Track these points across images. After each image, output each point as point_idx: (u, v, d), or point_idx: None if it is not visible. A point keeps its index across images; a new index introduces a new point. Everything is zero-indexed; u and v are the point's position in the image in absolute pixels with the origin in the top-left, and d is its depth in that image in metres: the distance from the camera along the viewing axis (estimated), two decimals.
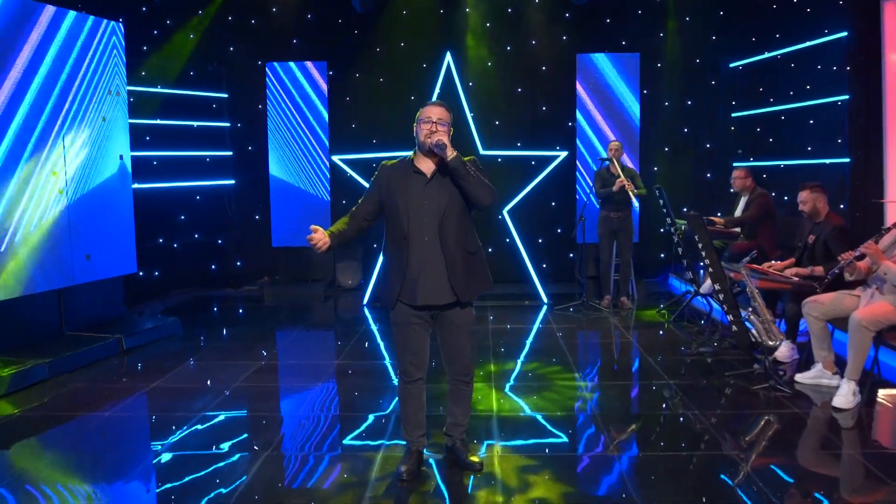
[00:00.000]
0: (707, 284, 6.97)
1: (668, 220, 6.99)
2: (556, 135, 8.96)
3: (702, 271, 6.90)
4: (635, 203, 6.99)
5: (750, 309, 5.07)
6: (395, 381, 4.76)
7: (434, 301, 3.31)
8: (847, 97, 7.26)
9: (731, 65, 9.03)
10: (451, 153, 3.19)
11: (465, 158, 3.33)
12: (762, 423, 4.31)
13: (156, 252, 8.41)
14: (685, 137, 9.19)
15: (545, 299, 8.01)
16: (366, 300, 8.10)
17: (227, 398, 4.81)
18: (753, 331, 5.00)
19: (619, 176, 7.27)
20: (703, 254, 5.67)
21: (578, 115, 8.75)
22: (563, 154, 8.51)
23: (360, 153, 8.67)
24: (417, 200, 3.29)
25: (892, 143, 6.90)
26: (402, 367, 3.50)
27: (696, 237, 5.75)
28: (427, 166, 3.35)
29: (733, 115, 9.13)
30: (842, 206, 7.48)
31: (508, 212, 8.35)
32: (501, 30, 8.92)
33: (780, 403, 4.58)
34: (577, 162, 8.77)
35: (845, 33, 7.20)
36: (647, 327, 6.79)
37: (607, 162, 7.48)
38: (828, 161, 7.58)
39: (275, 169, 8.86)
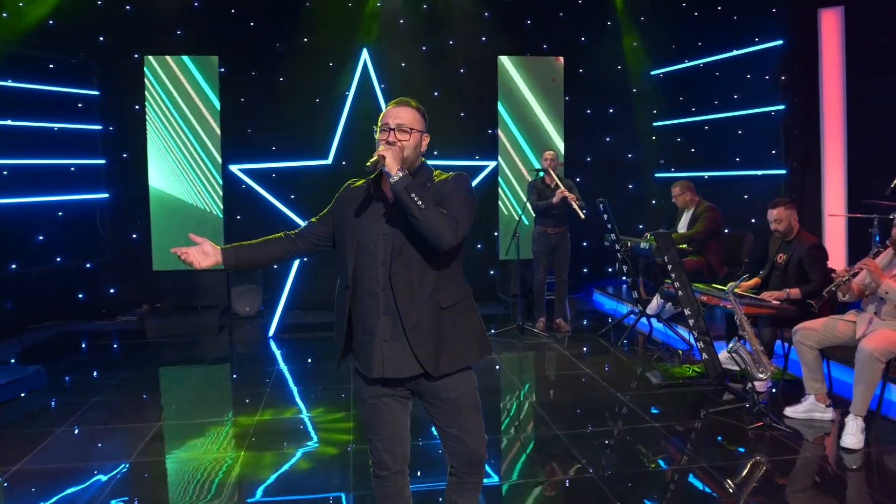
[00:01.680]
0: (654, 305, 6.51)
1: (613, 235, 6.47)
2: (476, 143, 8.28)
3: (656, 294, 6.42)
4: (580, 214, 6.38)
5: (737, 339, 4.54)
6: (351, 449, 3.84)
7: (394, 374, 2.43)
8: (782, 107, 7.06)
9: (653, 72, 8.73)
10: (394, 174, 2.30)
11: (441, 176, 2.49)
12: (775, 474, 3.76)
13: (8, 281, 6.92)
14: (607, 147, 8.79)
15: None
16: (271, 331, 7.01)
17: (122, 484, 3.67)
18: (741, 362, 4.47)
19: (556, 187, 6.67)
20: (673, 275, 5.14)
21: (501, 123, 8.11)
22: (491, 164, 7.81)
23: (257, 162, 7.57)
24: (370, 235, 2.43)
25: (829, 155, 6.73)
26: (373, 457, 2.59)
27: (665, 258, 5.22)
28: (389, 191, 2.45)
29: (655, 124, 8.83)
30: None
31: None
32: (416, 28, 8.13)
33: (785, 446, 4.06)
34: (503, 173, 8.13)
35: (781, 42, 7.01)
36: (596, 355, 6.18)
37: (542, 173, 6.86)
38: (760, 172, 7.37)
39: (156, 180, 7.58)
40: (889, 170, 6.82)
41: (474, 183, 7.54)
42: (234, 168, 7.35)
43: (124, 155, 7.86)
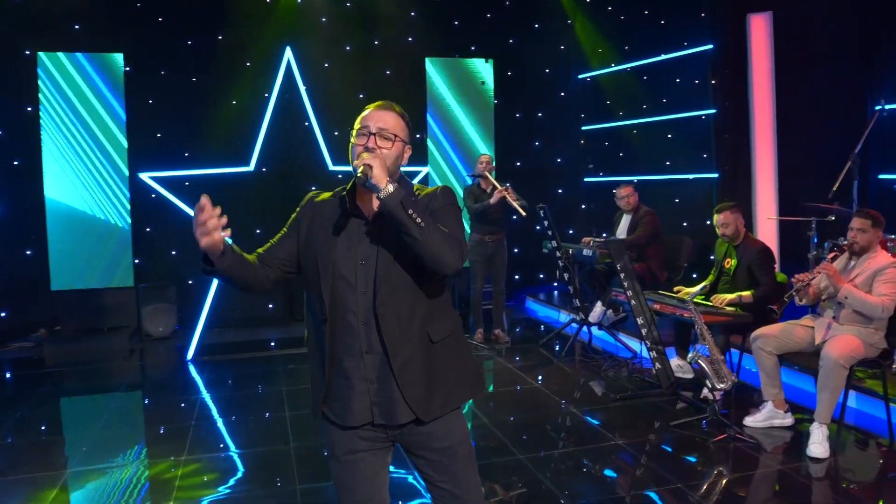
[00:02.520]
0: (596, 312, 6.35)
1: (554, 242, 6.27)
2: None
3: (598, 301, 6.26)
4: (522, 212, 6.11)
5: (697, 348, 4.39)
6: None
7: (380, 420, 2.08)
8: (713, 111, 7.08)
9: (580, 76, 8.65)
10: (384, 187, 1.93)
11: (426, 190, 2.15)
12: (747, 490, 3.60)
13: None
14: (536, 152, 8.64)
15: None
16: (190, 353, 6.41)
17: None
18: (703, 372, 4.33)
19: (493, 191, 6.41)
20: (626, 284, 4.98)
21: (429, 127, 7.81)
22: (423, 170, 7.47)
23: (168, 169, 6.94)
24: (347, 258, 2.07)
25: (760, 158, 6.79)
26: None
27: (617, 266, 5.05)
28: (370, 205, 2.11)
29: (583, 128, 8.76)
30: (708, 223, 7.29)
31: None
32: (339, 26, 7.70)
33: (752, 459, 3.93)
34: (432, 181, 7.83)
35: (711, 46, 7.03)
36: (542, 366, 5.95)
37: (477, 178, 6.59)
38: (692, 176, 7.37)
39: (53, 190, 6.84)
40: (818, 173, 6.96)
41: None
42: (144, 176, 6.70)
43: (15, 162, 7.03)
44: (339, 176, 7.46)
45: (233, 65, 7.32)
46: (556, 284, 8.67)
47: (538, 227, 7.50)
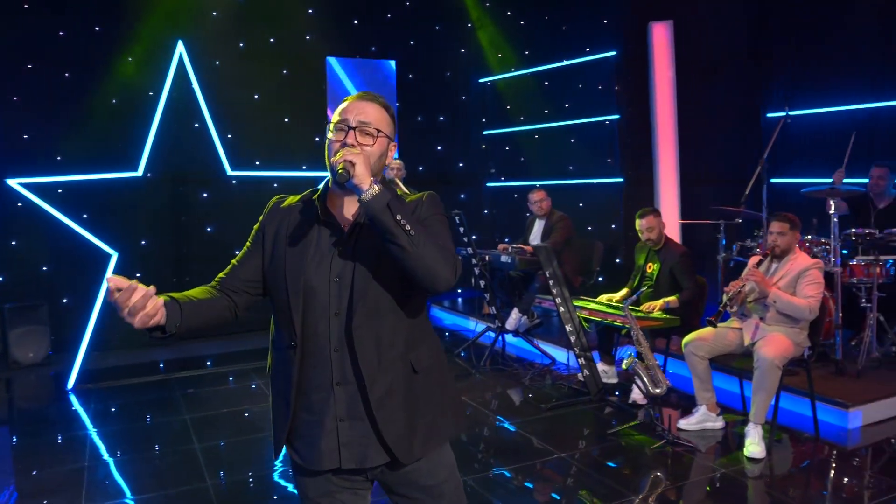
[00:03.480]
0: (513, 319, 6.25)
1: (470, 249, 6.11)
2: (304, 152, 7.51)
3: (514, 308, 6.16)
4: None
5: (633, 355, 4.34)
6: None
7: (354, 463, 1.80)
8: (617, 116, 7.19)
9: (480, 80, 8.58)
10: (367, 188, 1.66)
11: (410, 197, 1.87)
12: (696, 495, 3.57)
13: None
14: (438, 156, 8.47)
15: None
16: (70, 382, 5.70)
17: None
18: (638, 380, 4.28)
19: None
20: (555, 291, 4.88)
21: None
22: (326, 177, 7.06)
23: (38, 174, 6.16)
24: (319, 275, 1.78)
25: (663, 163, 6.95)
26: None
27: (546, 272, 4.94)
28: (345, 210, 1.85)
29: (484, 132, 8.68)
30: (613, 227, 7.41)
31: None
32: (232, 22, 7.17)
33: (694, 464, 3.92)
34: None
35: (614, 52, 7.12)
36: (461, 378, 5.75)
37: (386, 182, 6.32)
38: (596, 181, 7.45)
39: None
40: (718, 177, 7.24)
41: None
42: (12, 182, 5.89)
43: None
44: (234, 181, 6.95)
45: (112, 59, 6.62)
46: (459, 291, 8.53)
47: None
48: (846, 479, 3.77)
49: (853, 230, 5.00)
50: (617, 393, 5.09)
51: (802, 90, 6.70)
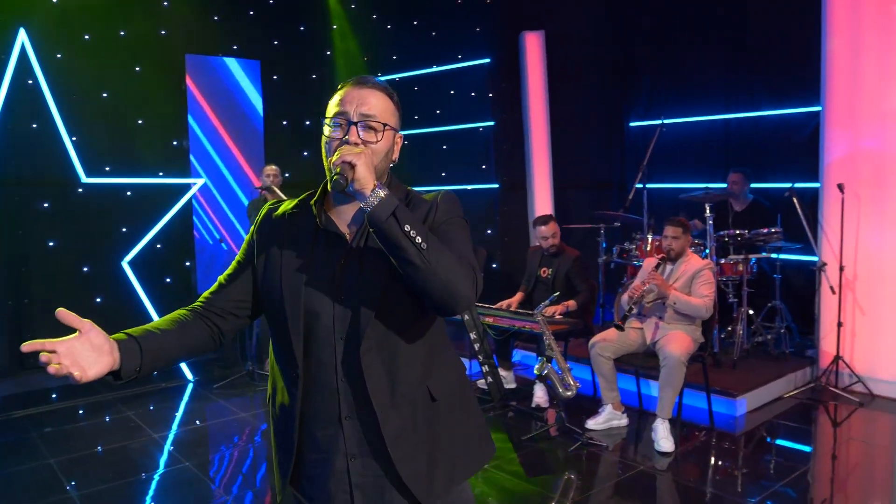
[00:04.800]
0: None
1: None
2: (162, 157, 6.86)
3: None
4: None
5: (545, 360, 4.36)
6: None
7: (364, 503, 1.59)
8: (491, 123, 7.27)
9: None
10: (370, 193, 1.43)
11: (426, 195, 1.66)
12: (623, 493, 3.64)
13: None
14: (306, 163, 8.12)
15: (190, 375, 5.95)
16: None
17: None
18: (551, 384, 4.31)
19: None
20: None
21: (193, 132, 6.88)
22: (200, 181, 6.50)
23: None
24: (322, 293, 1.55)
25: (537, 169, 7.13)
26: None
27: None
28: (346, 214, 1.62)
29: None
30: (489, 232, 7.50)
31: (130, 263, 5.94)
32: (75, 10, 6.39)
33: (612, 462, 4.01)
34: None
35: (488, 60, 7.20)
36: None
37: (261, 191, 5.95)
38: (471, 187, 7.50)
39: None
40: (589, 183, 7.54)
41: (178, 206, 6.26)
42: None
43: None
44: (80, 189, 6.20)
45: None
46: None
47: None
48: (745, 462, 4.03)
49: (725, 232, 5.39)
50: (513, 401, 5.11)
51: (662, 101, 7.17)
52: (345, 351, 1.53)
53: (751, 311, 5.45)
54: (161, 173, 6.82)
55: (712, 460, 4.07)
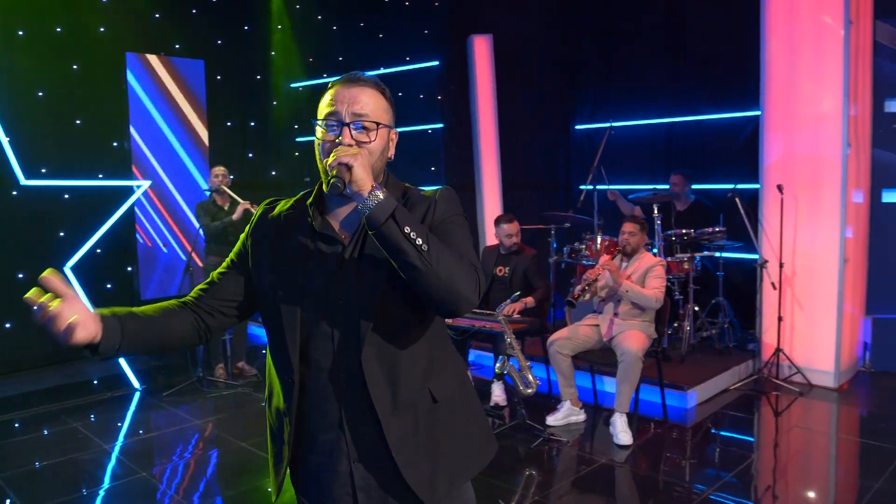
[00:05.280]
0: None
1: None
2: (101, 158, 6.64)
3: None
4: None
5: (506, 359, 4.41)
6: None
7: None
8: (441, 125, 7.31)
9: (292, 85, 8.25)
10: (368, 194, 1.41)
11: (428, 191, 1.65)
12: (584, 487, 3.74)
13: None
14: (250, 164, 7.99)
15: (137, 384, 5.75)
16: None
17: None
18: (511, 382, 4.37)
19: (231, 207, 5.77)
20: None
21: (133, 134, 6.69)
22: (146, 184, 6.30)
23: None
24: (321, 296, 1.53)
25: (486, 170, 7.21)
26: None
27: None
28: (341, 216, 1.60)
29: (298, 139, 8.36)
30: None
31: (73, 268, 5.71)
32: (9, 6, 6.12)
33: (575, 458, 4.11)
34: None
35: (437, 62, 7.24)
36: None
37: (211, 192, 5.83)
38: (421, 189, 7.52)
39: None
40: (536, 184, 7.67)
41: (123, 208, 6.06)
42: None
43: None
44: (14, 193, 5.93)
45: None
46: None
47: None
48: (697, 453, 4.19)
49: (673, 231, 5.59)
50: None
51: (607, 105, 7.37)
52: (344, 357, 1.52)
53: (696, 308, 5.65)
54: (101, 175, 6.60)
55: (667, 452, 4.21)
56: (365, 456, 1.55)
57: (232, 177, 5.90)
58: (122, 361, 5.70)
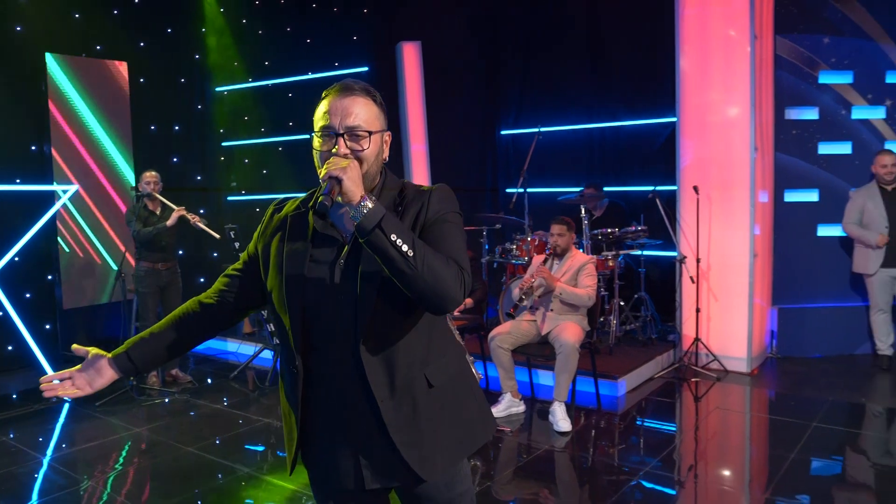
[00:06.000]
0: None
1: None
2: (19, 162, 6.39)
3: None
4: (215, 235, 5.53)
5: None
6: None
7: (376, 485, 1.71)
8: None
9: (218, 89, 8.15)
10: (357, 204, 1.50)
11: (408, 189, 1.73)
12: (532, 475, 3.95)
13: None
14: (175, 168, 7.83)
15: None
16: None
17: None
18: None
19: (163, 212, 5.70)
20: None
21: (55, 137, 6.46)
22: (72, 189, 6.08)
23: None
24: (324, 290, 1.65)
25: (416, 174, 7.36)
26: None
27: None
28: (346, 218, 1.69)
29: (223, 144, 8.27)
30: None
31: None
32: None
33: (519, 447, 4.31)
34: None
35: (366, 68, 7.34)
36: (255, 403, 5.46)
37: (142, 197, 5.73)
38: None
39: None
40: (465, 188, 7.87)
41: (49, 214, 5.86)
42: None
43: None
44: None
45: None
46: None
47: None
48: (630, 437, 4.48)
49: (599, 230, 5.91)
50: None
51: (530, 112, 7.68)
52: (345, 345, 1.63)
53: (622, 303, 6.00)
54: (18, 180, 6.36)
55: (603, 438, 4.49)
56: (366, 437, 1.67)
57: (161, 183, 5.81)
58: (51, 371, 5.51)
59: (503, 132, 7.91)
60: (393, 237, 1.48)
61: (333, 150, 1.61)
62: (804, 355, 5.93)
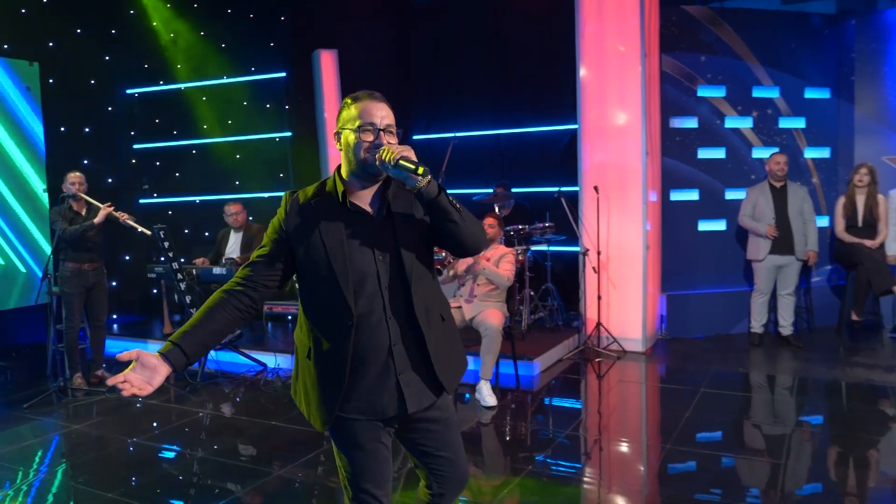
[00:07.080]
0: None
1: (175, 264, 5.96)
2: None
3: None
4: (145, 231, 5.63)
5: None
6: None
7: (415, 408, 2.12)
8: (289, 134, 7.64)
9: (128, 91, 8.12)
10: (425, 180, 1.98)
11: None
12: (476, 447, 4.40)
13: None
14: (87, 170, 7.72)
15: None
16: None
17: None
18: None
19: (90, 213, 5.75)
20: None
21: None
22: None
23: None
24: (364, 256, 2.05)
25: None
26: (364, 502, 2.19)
27: None
28: (364, 197, 2.11)
29: (134, 146, 8.23)
30: None
31: None
32: None
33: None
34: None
35: (283, 74, 7.56)
36: (187, 399, 5.60)
37: (66, 198, 5.73)
38: (267, 195, 7.80)
39: None
40: None
41: None
42: None
43: None
44: None
45: None
46: (115, 317, 7.93)
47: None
48: (545, 410, 5.02)
49: (511, 227, 6.45)
50: None
51: (441, 117, 8.16)
52: (391, 296, 2.06)
53: (532, 293, 6.57)
54: None
55: (524, 411, 5.01)
56: (408, 367, 2.10)
57: (86, 184, 5.82)
58: None
59: (415, 137, 8.35)
60: (450, 197, 2.03)
61: (376, 142, 2.04)
62: (689, 336, 6.71)
